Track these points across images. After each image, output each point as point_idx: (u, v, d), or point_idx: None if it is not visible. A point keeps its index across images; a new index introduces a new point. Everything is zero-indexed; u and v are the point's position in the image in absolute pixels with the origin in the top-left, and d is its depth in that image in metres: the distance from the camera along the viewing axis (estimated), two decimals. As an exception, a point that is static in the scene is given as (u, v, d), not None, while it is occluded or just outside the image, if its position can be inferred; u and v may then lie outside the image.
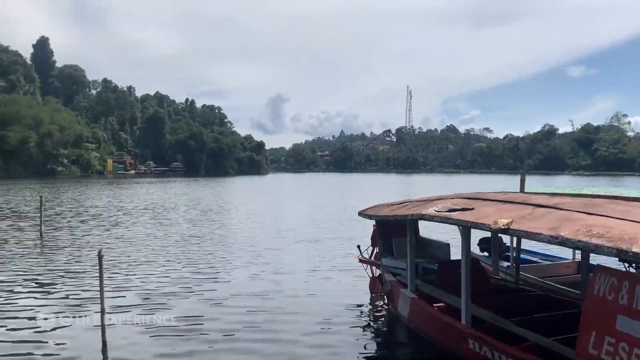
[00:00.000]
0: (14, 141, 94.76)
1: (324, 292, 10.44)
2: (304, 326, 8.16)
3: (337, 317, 8.74)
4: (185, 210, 29.57)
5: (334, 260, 13.83)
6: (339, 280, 11.61)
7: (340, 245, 16.39)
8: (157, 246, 16.10)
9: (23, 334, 7.71)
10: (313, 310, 9.10)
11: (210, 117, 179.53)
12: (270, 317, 8.61)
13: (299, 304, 9.51)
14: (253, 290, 10.43)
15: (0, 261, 13.53)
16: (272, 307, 9.24)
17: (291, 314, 8.79)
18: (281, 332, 7.84)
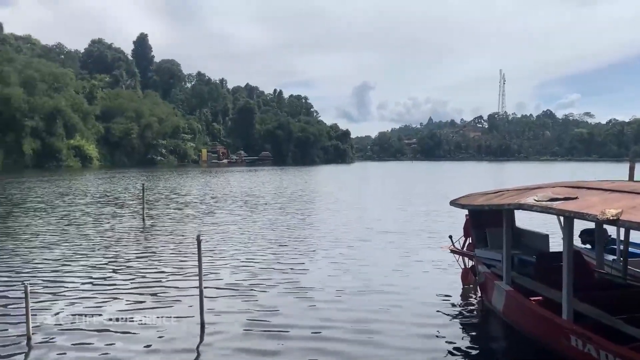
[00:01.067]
0: (118, 133, 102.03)
1: (413, 283, 10.28)
2: (393, 318, 8.05)
3: (428, 309, 8.58)
4: (274, 198, 30.33)
5: (422, 251, 13.58)
6: (429, 271, 11.37)
7: (429, 236, 16.08)
8: (248, 233, 16.64)
9: (125, 314, 8.20)
10: (403, 301, 8.98)
11: (297, 107, 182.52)
12: (357, 309, 8.52)
13: (387, 295, 9.40)
14: (340, 281, 10.37)
15: (107, 244, 14.61)
16: (359, 299, 9.15)
17: (380, 307, 8.66)
18: (370, 325, 7.69)
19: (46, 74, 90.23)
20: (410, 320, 7.98)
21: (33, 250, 13.53)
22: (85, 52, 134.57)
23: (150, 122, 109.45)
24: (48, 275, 10.71)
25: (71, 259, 12.33)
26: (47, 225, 18.11)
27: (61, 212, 22.07)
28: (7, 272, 10.97)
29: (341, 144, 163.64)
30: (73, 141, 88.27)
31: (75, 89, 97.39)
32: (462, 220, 10.70)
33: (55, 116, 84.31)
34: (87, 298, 8.99)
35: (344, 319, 7.91)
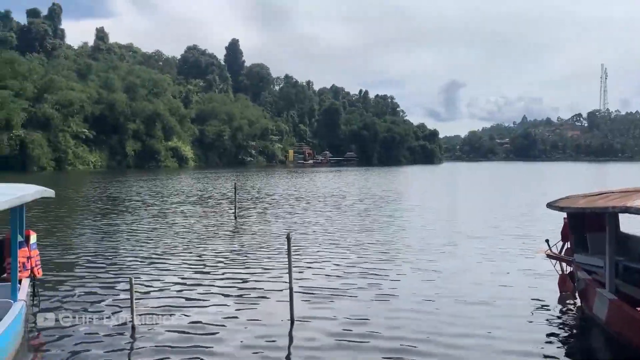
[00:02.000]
0: (212, 134, 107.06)
1: (506, 290, 9.74)
2: (485, 327, 7.62)
3: (523, 316, 8.11)
4: (359, 199, 30.32)
5: (516, 256, 12.90)
6: (523, 277, 10.71)
7: (523, 240, 15.26)
8: (333, 234, 16.68)
9: (217, 308, 8.50)
10: (495, 308, 8.51)
11: (383, 106, 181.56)
12: (446, 318, 8.08)
13: (479, 301, 8.93)
14: (428, 287, 9.98)
15: (200, 241, 15.28)
16: (449, 308, 8.69)
17: (471, 316, 8.19)
18: (460, 336, 7.29)
19: (146, 80, 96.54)
20: (504, 329, 7.53)
21: (135, 245, 14.46)
22: (181, 58, 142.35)
23: (241, 124, 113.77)
24: (148, 269, 11.38)
25: (168, 255, 13.02)
26: (146, 222, 19.31)
27: (159, 210, 23.45)
28: (113, 266, 11.80)
29: (429, 144, 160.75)
30: (170, 143, 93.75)
31: (172, 94, 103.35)
32: (558, 224, 10.09)
33: (155, 119, 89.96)
34: (183, 292, 9.43)
35: (432, 329, 7.52)
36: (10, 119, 68.39)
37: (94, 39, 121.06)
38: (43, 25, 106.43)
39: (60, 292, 9.36)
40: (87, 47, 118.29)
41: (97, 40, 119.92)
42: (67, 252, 13.30)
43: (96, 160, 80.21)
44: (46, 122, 73.06)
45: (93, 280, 10.36)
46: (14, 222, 6.99)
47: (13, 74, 75.86)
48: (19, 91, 72.80)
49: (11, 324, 6.04)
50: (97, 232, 16.90)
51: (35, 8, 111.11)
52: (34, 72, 79.19)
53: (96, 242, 14.91)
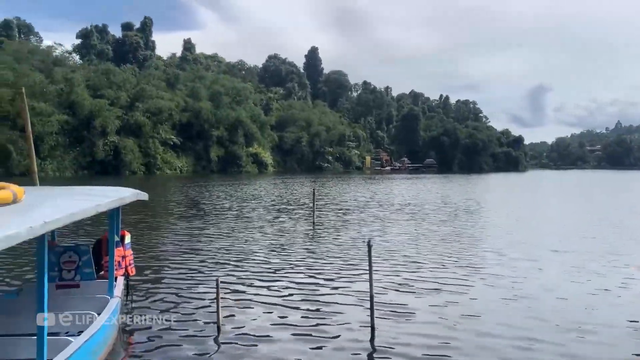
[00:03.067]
0: (290, 141, 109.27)
1: (598, 305, 9.06)
2: (573, 341, 7.17)
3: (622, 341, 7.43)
4: (439, 207, 29.60)
5: (611, 271, 12.02)
6: (617, 293, 9.92)
7: (620, 255, 14.21)
8: (412, 243, 16.36)
9: (298, 311, 8.57)
10: (586, 324, 7.96)
11: (464, 112, 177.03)
12: (534, 343, 7.61)
13: (572, 323, 8.27)
14: (511, 305, 9.44)
15: (281, 245, 15.52)
16: (537, 325, 8.17)
17: (562, 336, 7.65)
18: (549, 348, 6.94)
19: (230, 89, 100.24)
20: (593, 348, 7.03)
21: (218, 247, 14.92)
22: (262, 67, 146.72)
23: (318, 130, 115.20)
24: (231, 271, 11.69)
25: (250, 258, 13.32)
26: (227, 226, 19.91)
27: (240, 214, 24.13)
28: (198, 266, 12.25)
29: (513, 151, 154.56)
30: (251, 149, 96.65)
31: (254, 102, 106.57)
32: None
33: (237, 126, 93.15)
34: (264, 295, 9.58)
35: (519, 352, 7.03)
36: (105, 126, 73.50)
37: (182, 50, 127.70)
38: (136, 38, 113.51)
39: (150, 290, 9.84)
40: (175, 58, 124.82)
41: (185, 51, 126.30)
42: (156, 252, 14.00)
43: (183, 165, 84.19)
44: (138, 129, 77.77)
45: (180, 279, 10.82)
46: (112, 222, 7.43)
47: (109, 83, 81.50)
48: (113, 100, 78.07)
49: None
50: (183, 233, 17.65)
51: (129, 22, 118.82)
52: (127, 82, 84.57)
53: (182, 243, 15.58)
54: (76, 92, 74.01)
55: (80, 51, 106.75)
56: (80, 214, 5.26)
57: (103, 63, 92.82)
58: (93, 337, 5.79)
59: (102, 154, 72.70)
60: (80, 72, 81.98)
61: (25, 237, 4.04)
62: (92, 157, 72.49)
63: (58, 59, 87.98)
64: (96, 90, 78.86)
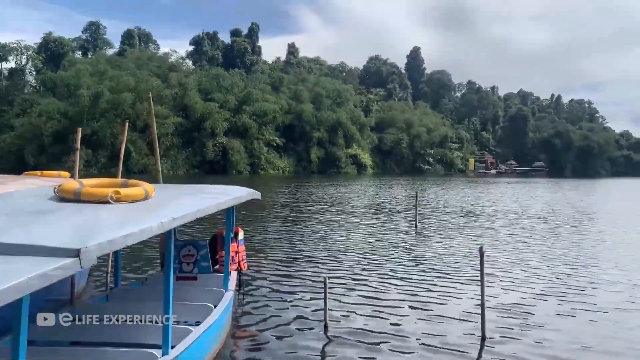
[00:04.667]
0: (390, 142, 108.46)
1: None
2: None
3: None
4: (551, 215, 27.87)
5: None
6: None
7: None
8: (522, 253, 15.61)
9: (400, 314, 8.50)
10: None
11: (579, 112, 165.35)
12: None
13: None
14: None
15: (383, 248, 15.42)
16: None
17: None
18: None
19: (330, 91, 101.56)
20: None
21: (322, 247, 15.18)
22: (363, 68, 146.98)
23: (419, 132, 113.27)
24: (335, 271, 11.83)
25: (354, 259, 13.41)
26: (336, 226, 20.16)
27: (342, 214, 24.32)
28: (304, 264, 12.55)
29: (634, 154, 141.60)
30: (351, 150, 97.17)
31: (354, 103, 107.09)
32: None
33: (337, 128, 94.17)
34: (371, 297, 9.59)
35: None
36: (214, 128, 77.71)
37: (286, 54, 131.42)
38: (243, 44, 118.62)
39: (260, 285, 10.22)
40: (280, 62, 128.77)
41: (289, 55, 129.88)
42: (265, 249, 14.51)
43: (284, 166, 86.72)
44: (244, 131, 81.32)
45: (287, 276, 11.17)
46: (228, 219, 7.81)
47: (218, 87, 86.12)
48: (222, 103, 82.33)
49: (224, 311, 6.73)
50: (289, 232, 18.18)
51: (237, 28, 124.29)
52: (235, 86, 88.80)
53: (288, 241, 16.04)
54: (189, 96, 79.11)
55: (193, 57, 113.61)
56: (204, 211, 5.58)
57: (213, 68, 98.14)
58: (211, 327, 6.11)
59: (211, 154, 76.94)
60: (192, 77, 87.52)
61: (157, 232, 4.35)
62: (202, 157, 77.00)
63: (173, 64, 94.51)
64: (207, 94, 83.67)
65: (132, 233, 3.93)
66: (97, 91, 71.18)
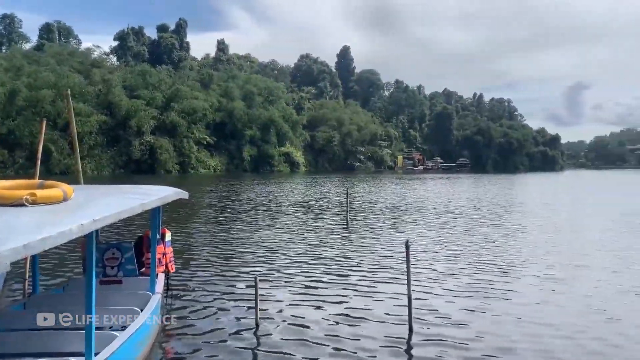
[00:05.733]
0: (322, 140, 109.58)
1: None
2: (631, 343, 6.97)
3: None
4: (476, 208, 29.20)
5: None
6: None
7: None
8: (449, 245, 16.25)
9: (335, 310, 8.59)
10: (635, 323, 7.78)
11: (499, 110, 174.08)
12: (583, 325, 7.55)
13: (620, 317, 8.26)
14: (555, 313, 9.28)
15: (315, 245, 15.53)
16: (585, 314, 8.13)
17: (612, 329, 7.55)
18: (606, 349, 6.81)
19: (262, 89, 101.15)
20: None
21: (252, 246, 15.07)
22: (294, 66, 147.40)
23: (350, 130, 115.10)
24: (266, 271, 11.79)
25: (288, 258, 13.40)
26: (261, 225, 20.09)
27: (273, 213, 24.30)
28: (235, 265, 12.40)
29: (549, 150, 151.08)
30: (283, 148, 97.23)
31: (286, 101, 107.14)
32: None
33: (269, 126, 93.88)
34: (301, 294, 9.64)
35: (556, 335, 7.18)
36: (141, 126, 75.19)
37: (215, 51, 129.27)
38: (171, 39, 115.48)
39: (189, 287, 10.03)
40: (209, 59, 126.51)
41: (218, 52, 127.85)
42: (193, 250, 14.24)
43: (216, 164, 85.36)
44: (173, 129, 79.22)
45: (218, 276, 11.00)
46: (154, 220, 7.60)
47: (145, 84, 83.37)
48: (149, 100, 79.76)
49: (151, 314, 6.55)
50: (219, 232, 17.90)
51: (164, 23, 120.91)
52: (162, 82, 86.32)
53: (218, 241, 15.79)
54: (113, 93, 75.99)
55: (117, 53, 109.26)
56: (127, 212, 5.40)
57: (139, 64, 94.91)
58: (137, 332, 5.93)
59: (138, 154, 74.39)
60: (117, 74, 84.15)
61: (77, 234, 4.18)
62: (128, 157, 74.29)
63: (96, 60, 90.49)
64: (132, 91, 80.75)
65: (49, 236, 3.74)
66: (13, 88, 66.84)
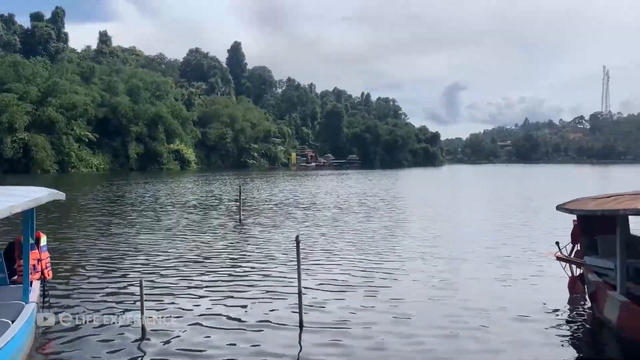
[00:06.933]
0: (214, 137, 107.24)
1: (515, 291, 9.80)
2: (494, 330, 7.63)
3: (533, 319, 8.07)
4: (361, 203, 30.33)
5: (524, 259, 12.87)
6: (532, 280, 10.69)
7: (530, 243, 15.25)
8: (336, 239, 16.73)
9: (225, 311, 8.51)
10: (505, 310, 8.54)
11: (385, 109, 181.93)
12: (455, 321, 8.06)
13: (486, 298, 9.07)
14: (432, 292, 9.94)
15: (206, 244, 15.26)
16: (456, 311, 8.69)
17: (480, 318, 8.17)
18: (468, 338, 7.38)
19: (149, 83, 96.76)
20: (512, 329, 7.62)
21: (141, 248, 14.46)
22: (183, 61, 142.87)
23: (243, 127, 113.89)
24: (156, 272, 11.38)
25: (175, 258, 13.02)
26: (150, 225, 19.34)
27: (162, 213, 23.47)
28: (121, 268, 11.82)
29: (430, 147, 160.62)
30: (173, 145, 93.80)
31: (175, 97, 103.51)
32: (567, 226, 10.09)
33: (157, 122, 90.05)
34: (190, 295, 9.44)
35: (437, 333, 7.54)
36: (13, 122, 68.57)
37: (97, 43, 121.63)
38: (46, 29, 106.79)
39: (70, 294, 9.39)
40: (90, 51, 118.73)
41: (100, 44, 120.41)
42: (74, 255, 13.33)
43: (99, 163, 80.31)
44: (50, 125, 73.20)
45: (102, 282, 10.42)
46: (26, 224, 7.02)
47: (17, 77, 76.18)
48: (22, 94, 73.02)
49: (23, 326, 6.07)
50: (103, 234, 16.92)
51: (38, 12, 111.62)
52: (37, 75, 79.47)
53: (102, 244, 14.93)
54: (-21, 86, 68.56)
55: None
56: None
57: (10, 55, 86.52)
58: (7, 345, 5.47)
59: (10, 152, 67.79)
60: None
61: None
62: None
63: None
64: (3, 84, 73.46)
65: None
66: None
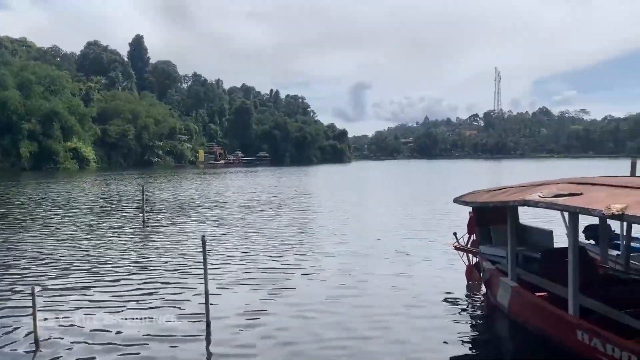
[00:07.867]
0: (115, 134, 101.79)
1: (416, 281, 10.32)
2: (396, 316, 8.04)
3: (432, 305, 8.61)
4: (272, 200, 30.36)
5: (425, 249, 13.62)
6: (432, 268, 11.38)
7: (431, 234, 16.12)
8: (246, 236, 16.68)
9: (129, 315, 8.23)
10: (405, 297, 9.01)
11: (294, 106, 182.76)
12: (358, 307, 8.46)
13: (389, 291, 9.48)
14: (340, 281, 10.34)
15: (108, 247, 14.57)
16: (361, 298, 9.09)
17: (383, 305, 8.61)
18: (371, 325, 7.70)
19: (42, 77, 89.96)
20: (414, 318, 8.02)
21: (35, 253, 13.50)
22: (81, 54, 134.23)
23: (146, 123, 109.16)
24: (52, 279, 10.70)
25: (73, 263, 12.31)
26: (45, 229, 18.09)
27: (58, 216, 22.04)
28: (12, 275, 10.98)
29: (338, 144, 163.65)
30: (70, 143, 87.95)
31: (71, 91, 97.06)
32: (464, 218, 10.77)
33: (52, 118, 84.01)
34: (90, 302, 8.99)
35: (339, 327, 7.72)
36: None
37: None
38: None
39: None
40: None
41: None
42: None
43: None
44: None
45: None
46: None
47: None
48: None
49: None
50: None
51: None
52: None
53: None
54: None
55: None
56: None
57: None
58: None
59: None
60: None
61: None
62: None
63: None
64: None
65: None
66: None
